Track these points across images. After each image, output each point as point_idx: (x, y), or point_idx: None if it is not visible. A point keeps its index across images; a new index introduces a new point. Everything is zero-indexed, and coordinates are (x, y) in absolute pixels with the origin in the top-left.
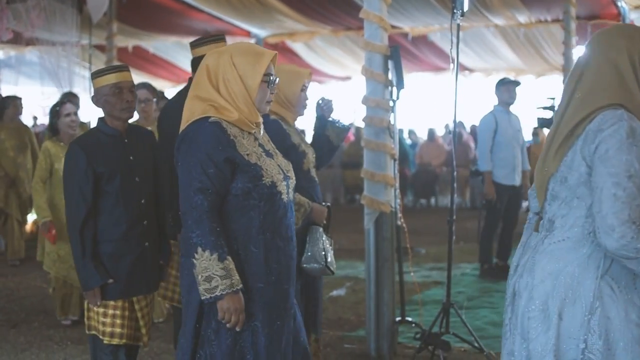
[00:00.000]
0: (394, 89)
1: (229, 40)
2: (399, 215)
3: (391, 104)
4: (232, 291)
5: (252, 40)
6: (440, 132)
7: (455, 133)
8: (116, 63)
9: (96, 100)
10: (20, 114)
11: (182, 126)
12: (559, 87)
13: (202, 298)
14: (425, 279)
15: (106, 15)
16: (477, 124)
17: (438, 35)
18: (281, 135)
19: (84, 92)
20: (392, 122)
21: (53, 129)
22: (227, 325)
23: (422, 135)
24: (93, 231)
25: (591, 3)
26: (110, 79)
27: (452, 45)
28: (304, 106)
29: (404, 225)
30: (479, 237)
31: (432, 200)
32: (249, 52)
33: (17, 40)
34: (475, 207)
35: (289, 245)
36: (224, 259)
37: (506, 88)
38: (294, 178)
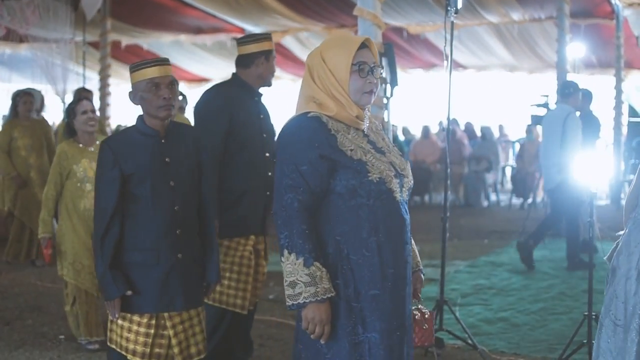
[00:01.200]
0: (388, 86)
1: (222, 37)
2: None
3: (385, 101)
4: (316, 300)
5: None
6: (434, 129)
7: (449, 130)
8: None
9: (133, 96)
10: (32, 110)
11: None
12: (553, 84)
13: (287, 304)
14: None
15: (100, 12)
16: (470, 121)
17: (433, 32)
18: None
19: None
20: (386, 119)
21: (70, 130)
22: (311, 336)
23: (416, 132)
24: (116, 238)
25: (585, 0)
26: (147, 73)
27: (446, 43)
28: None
29: None
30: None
31: (426, 198)
32: (335, 44)
33: (11, 37)
34: (470, 204)
35: (405, 248)
36: (310, 265)
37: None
38: (410, 177)
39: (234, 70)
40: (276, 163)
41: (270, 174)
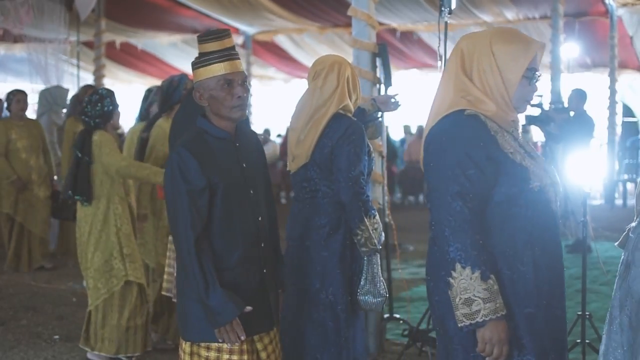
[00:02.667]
0: (382, 87)
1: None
2: (387, 212)
3: None
4: (496, 317)
5: (241, 38)
6: None
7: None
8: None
9: (199, 95)
10: (25, 109)
11: (432, 119)
12: (547, 85)
13: (460, 325)
14: (413, 275)
15: (94, 12)
16: None
17: (426, 32)
18: (365, 141)
19: (73, 89)
20: (379, 119)
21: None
22: (487, 359)
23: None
24: (211, 253)
25: (579, 0)
26: (218, 69)
27: (439, 43)
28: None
29: (392, 222)
30: None
31: (420, 197)
32: (513, 40)
33: (6, 37)
34: None
35: (559, 262)
36: (487, 278)
37: None
38: (560, 184)
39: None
40: (431, 167)
41: None
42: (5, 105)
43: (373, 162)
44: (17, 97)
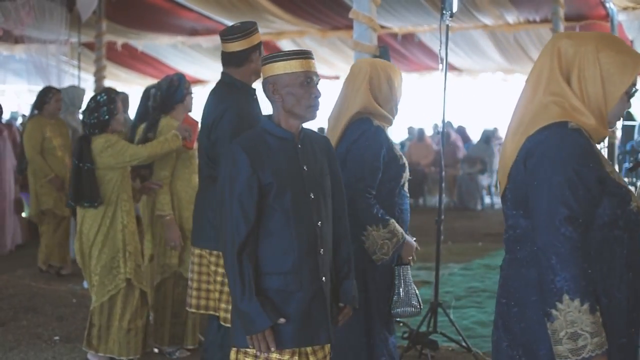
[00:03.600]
0: None
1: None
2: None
3: None
4: (601, 352)
5: None
6: (428, 132)
7: (444, 133)
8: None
9: (272, 90)
10: (62, 108)
11: (530, 128)
12: None
13: None
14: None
15: (95, 13)
16: (464, 124)
17: (427, 35)
18: (388, 145)
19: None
20: None
21: (102, 125)
22: None
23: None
24: (255, 258)
25: (579, 4)
26: (298, 65)
27: (441, 46)
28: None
29: None
30: None
31: (421, 200)
32: (622, 50)
33: (6, 38)
34: (467, 207)
35: None
36: (595, 311)
37: None
38: None
39: None
40: (535, 186)
41: None
42: (34, 103)
43: (403, 169)
44: (57, 97)
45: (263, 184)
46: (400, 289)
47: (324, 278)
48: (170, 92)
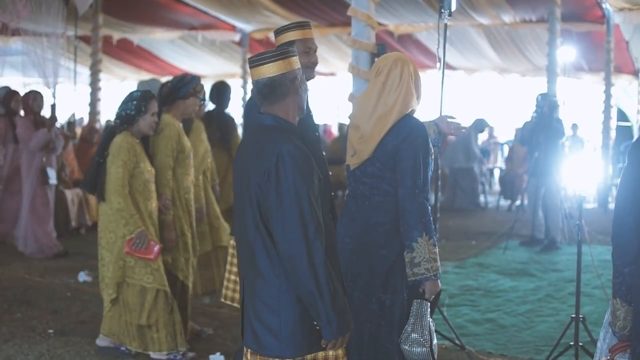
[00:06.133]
0: None
1: (214, 34)
2: None
3: None
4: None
5: (237, 35)
6: None
7: (440, 131)
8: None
9: (295, 84)
10: None
11: None
12: (543, 88)
13: None
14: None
15: (92, 7)
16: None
17: (424, 33)
18: (430, 145)
19: (69, 83)
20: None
21: (127, 121)
22: None
23: None
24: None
25: (576, 5)
26: (297, 61)
27: (438, 45)
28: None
29: None
30: None
31: None
32: None
33: (2, 30)
34: (462, 206)
35: None
36: None
37: None
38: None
39: (224, 66)
40: None
41: None
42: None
43: (432, 167)
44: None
45: (319, 178)
46: (414, 326)
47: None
48: (177, 87)
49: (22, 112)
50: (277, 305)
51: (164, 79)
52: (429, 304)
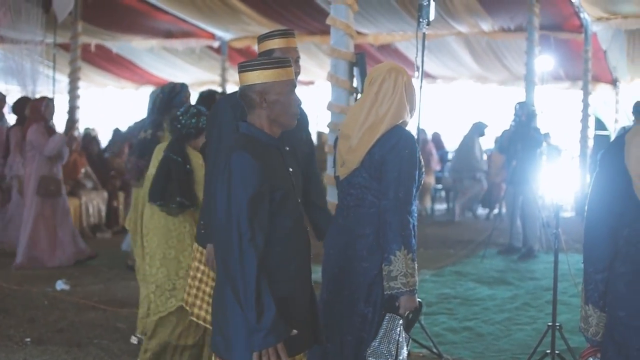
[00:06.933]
0: (359, 96)
1: (193, 43)
2: None
3: None
4: None
5: (217, 43)
6: None
7: (419, 140)
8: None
9: (261, 98)
10: None
11: None
12: (521, 96)
13: None
14: None
15: (71, 14)
16: (439, 131)
17: (403, 42)
18: (417, 151)
19: (48, 91)
20: None
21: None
22: None
23: None
24: (266, 268)
25: (554, 14)
26: (285, 73)
27: (417, 53)
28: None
29: None
30: None
31: None
32: None
33: None
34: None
35: None
36: None
37: None
38: None
39: (203, 74)
40: None
41: None
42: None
43: (423, 176)
44: None
45: (271, 191)
46: (381, 339)
47: (312, 282)
48: (171, 96)
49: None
50: (230, 312)
51: (143, 87)
52: (401, 319)
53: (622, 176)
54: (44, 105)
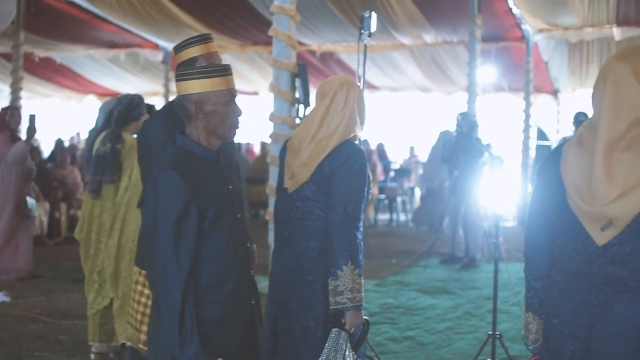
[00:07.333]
0: (301, 107)
1: (136, 52)
2: None
3: (297, 121)
4: None
5: (160, 54)
6: None
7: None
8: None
9: (196, 108)
10: None
11: None
12: (464, 107)
13: None
14: None
15: (13, 24)
16: (383, 142)
17: (345, 53)
18: (366, 173)
19: None
20: None
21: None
22: None
23: None
24: (193, 292)
25: (496, 25)
26: (223, 83)
27: (359, 64)
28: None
29: None
30: None
31: None
32: None
33: None
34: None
35: None
36: None
37: None
38: None
39: (147, 85)
40: None
41: None
42: None
43: (370, 191)
44: None
45: (201, 210)
46: (328, 354)
47: (253, 301)
48: (130, 109)
49: None
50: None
51: (88, 98)
52: (347, 334)
53: (557, 186)
54: (9, 115)
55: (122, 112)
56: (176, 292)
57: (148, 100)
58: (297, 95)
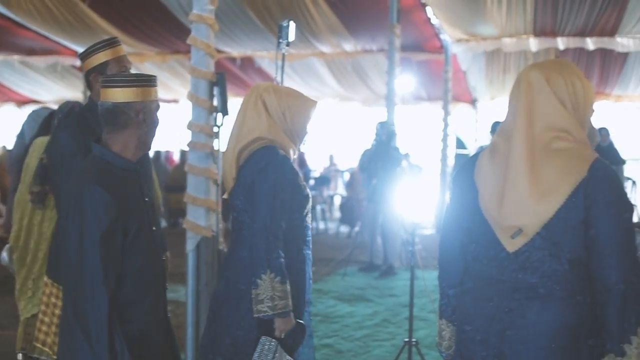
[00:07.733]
0: (219, 115)
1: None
2: (220, 239)
3: (215, 129)
4: None
5: (79, 61)
6: None
7: None
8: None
9: (143, 117)
10: None
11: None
12: (383, 116)
13: None
14: None
15: None
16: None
17: (266, 61)
18: (293, 176)
19: None
20: (216, 148)
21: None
22: None
23: None
24: (118, 315)
25: (415, 35)
26: (155, 93)
27: (277, 72)
28: (305, 141)
29: (226, 249)
30: None
31: None
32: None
33: None
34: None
35: None
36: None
37: None
38: None
39: (66, 92)
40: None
41: None
42: None
43: (306, 200)
44: None
45: (124, 227)
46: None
47: (169, 314)
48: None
49: None
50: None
51: (6, 105)
52: (275, 341)
53: (471, 193)
54: None
55: (61, 120)
56: (105, 312)
57: None
58: (215, 103)
